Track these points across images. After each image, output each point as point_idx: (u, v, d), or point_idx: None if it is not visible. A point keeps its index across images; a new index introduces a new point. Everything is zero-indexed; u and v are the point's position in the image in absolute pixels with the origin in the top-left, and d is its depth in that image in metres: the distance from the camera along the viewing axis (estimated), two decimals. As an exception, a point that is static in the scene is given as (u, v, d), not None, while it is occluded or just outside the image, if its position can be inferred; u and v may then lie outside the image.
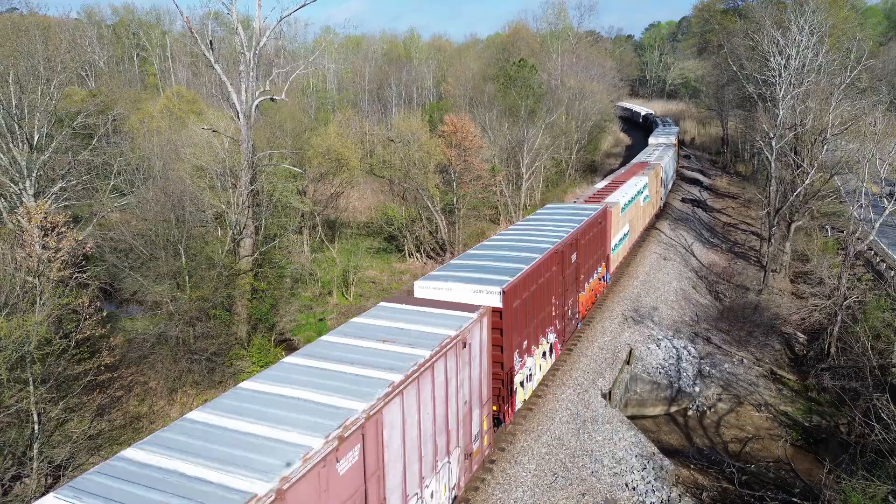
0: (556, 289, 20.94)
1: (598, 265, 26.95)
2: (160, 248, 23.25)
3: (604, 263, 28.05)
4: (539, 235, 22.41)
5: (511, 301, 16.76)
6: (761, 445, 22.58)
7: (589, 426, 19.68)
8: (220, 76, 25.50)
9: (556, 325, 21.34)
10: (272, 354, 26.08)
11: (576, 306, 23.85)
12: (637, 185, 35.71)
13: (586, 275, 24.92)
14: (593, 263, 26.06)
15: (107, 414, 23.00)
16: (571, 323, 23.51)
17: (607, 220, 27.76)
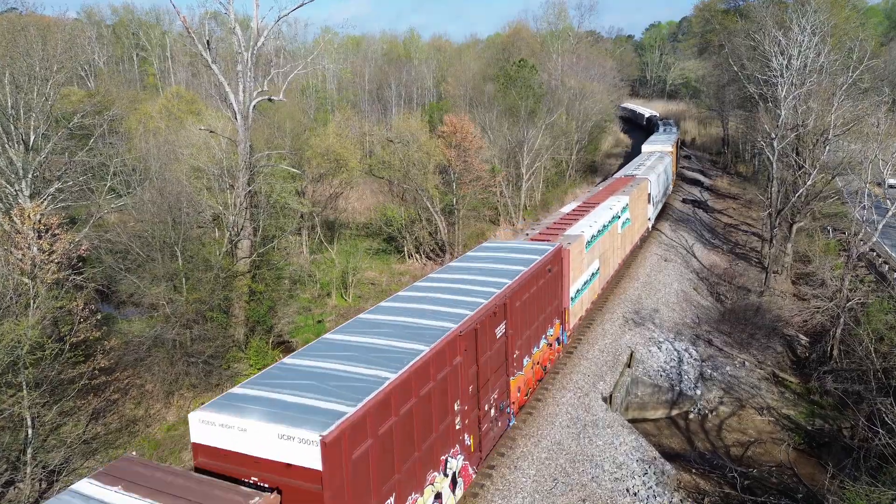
0: (464, 387, 14.42)
1: (547, 326, 20.59)
2: (156, 250, 23.03)
3: (558, 321, 21.80)
4: (447, 302, 15.73)
5: (349, 451, 10.29)
6: (763, 449, 22.37)
7: (589, 430, 19.46)
8: (218, 76, 25.29)
9: (465, 442, 14.69)
10: (270, 357, 25.89)
11: (506, 397, 17.27)
12: (613, 209, 29.47)
13: (525, 347, 18.57)
14: (539, 327, 19.75)
15: (102, 417, 22.79)
16: (498, 424, 16.82)
17: (564, 262, 21.78)
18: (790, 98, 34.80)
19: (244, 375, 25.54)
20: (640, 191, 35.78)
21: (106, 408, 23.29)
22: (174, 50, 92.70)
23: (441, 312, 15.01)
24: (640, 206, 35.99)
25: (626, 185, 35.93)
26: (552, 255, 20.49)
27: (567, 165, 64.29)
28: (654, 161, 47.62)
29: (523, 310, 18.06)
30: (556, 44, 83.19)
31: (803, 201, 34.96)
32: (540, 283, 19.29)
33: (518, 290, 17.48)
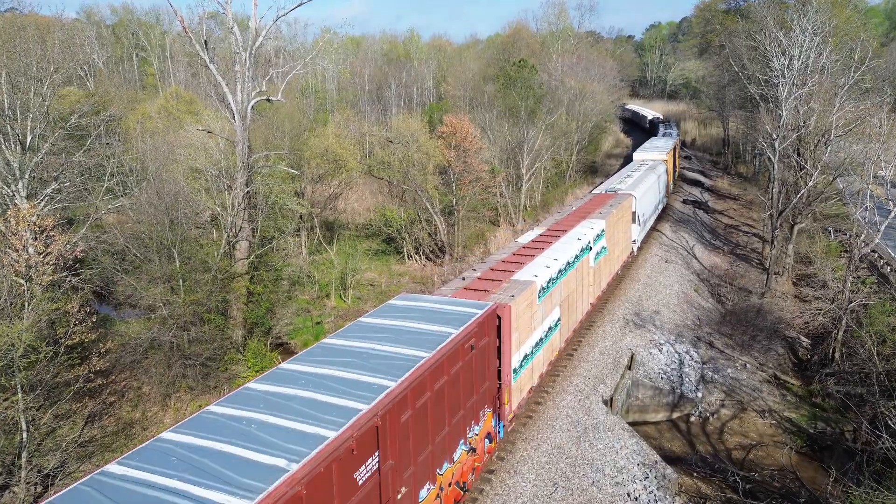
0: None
1: (466, 426, 14.61)
2: (154, 252, 22.84)
3: (489, 410, 16.01)
4: (304, 412, 10.57)
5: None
6: (765, 453, 22.19)
7: (590, 434, 19.28)
8: (216, 76, 25.11)
9: None
10: (268, 359, 25.73)
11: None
12: (584, 238, 24.02)
13: (423, 474, 12.71)
14: (451, 434, 13.80)
15: (99, 420, 22.61)
16: None
17: (503, 326, 16.10)
18: (791, 98, 34.62)
19: (242, 377, 25.39)
20: (621, 211, 30.48)
21: (102, 410, 23.11)
22: (174, 50, 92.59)
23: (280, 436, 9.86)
24: (621, 229, 30.77)
25: (603, 205, 30.36)
26: (478, 324, 14.43)
27: (567, 166, 64.14)
28: (645, 172, 42.15)
29: (419, 423, 12.31)
30: (557, 44, 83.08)
31: (805, 202, 34.78)
32: (455, 370, 13.56)
33: (408, 395, 11.66)
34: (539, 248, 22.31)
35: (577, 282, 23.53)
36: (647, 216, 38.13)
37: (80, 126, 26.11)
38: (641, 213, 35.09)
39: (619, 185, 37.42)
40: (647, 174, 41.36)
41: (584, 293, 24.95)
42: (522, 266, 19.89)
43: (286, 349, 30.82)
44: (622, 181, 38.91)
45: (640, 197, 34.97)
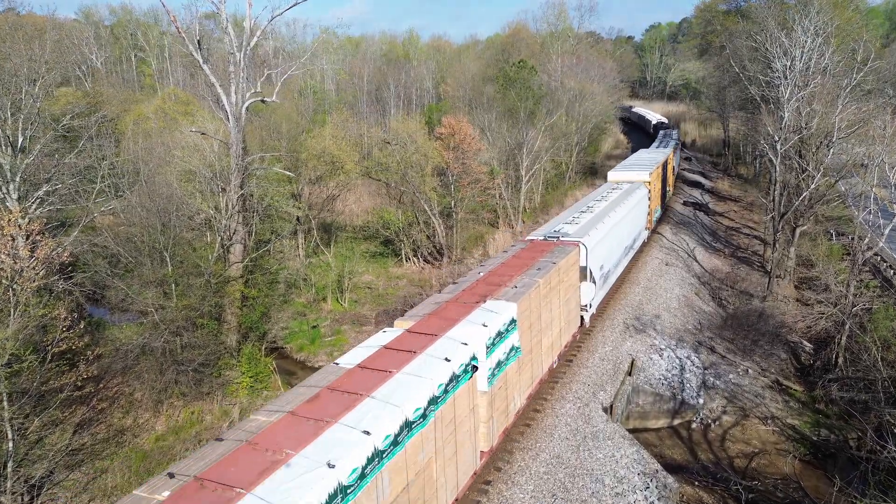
0: None
1: None
2: (145, 255, 22.43)
3: None
4: None
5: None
6: (768, 461, 21.78)
7: (589, 443, 18.88)
8: (209, 77, 24.72)
9: None
10: (262, 364, 25.33)
11: None
12: (472, 344, 14.74)
13: None
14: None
15: (90, 427, 22.21)
16: None
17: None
18: (793, 100, 34.24)
19: (236, 383, 24.99)
20: (560, 273, 21.06)
21: (93, 417, 22.72)
22: (172, 50, 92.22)
23: None
24: (558, 302, 20.98)
25: (528, 268, 20.35)
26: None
27: (567, 167, 63.77)
28: (614, 201, 32.21)
29: None
30: (556, 45, 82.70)
31: (807, 205, 34.40)
32: None
33: None
34: (356, 394, 11.95)
35: (443, 437, 13.46)
36: (611, 266, 28.47)
37: (72, 127, 25.69)
38: (598, 265, 25.51)
39: (567, 225, 26.82)
40: (617, 204, 31.68)
41: (461, 452, 14.35)
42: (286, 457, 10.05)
43: (282, 353, 30.47)
44: (575, 219, 28.00)
45: (596, 245, 25.09)
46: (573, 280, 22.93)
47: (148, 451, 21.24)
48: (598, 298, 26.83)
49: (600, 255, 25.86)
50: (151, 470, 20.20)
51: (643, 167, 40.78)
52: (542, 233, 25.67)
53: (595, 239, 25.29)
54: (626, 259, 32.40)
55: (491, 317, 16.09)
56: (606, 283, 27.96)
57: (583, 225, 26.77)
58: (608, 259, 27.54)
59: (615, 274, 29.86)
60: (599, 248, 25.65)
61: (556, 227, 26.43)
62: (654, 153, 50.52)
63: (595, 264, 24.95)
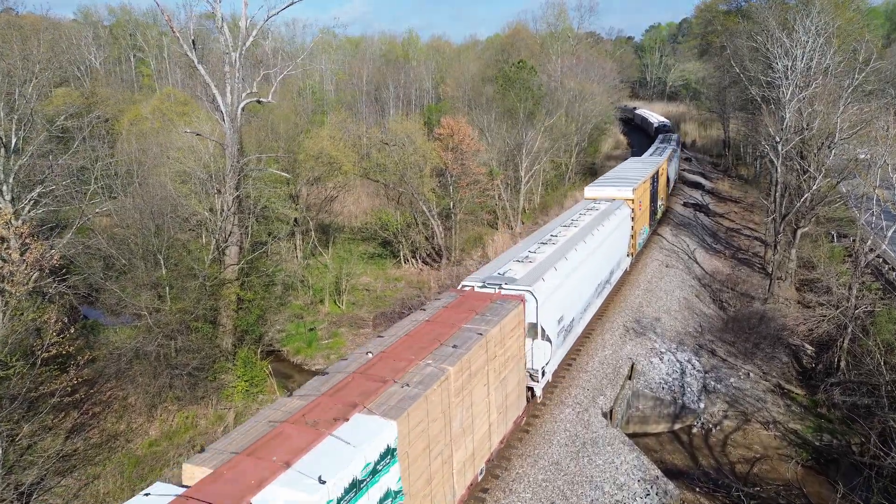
0: None
1: None
2: (139, 258, 22.13)
3: None
4: None
5: None
6: (770, 466, 21.49)
7: (589, 449, 18.59)
8: (204, 77, 24.43)
9: None
10: (258, 368, 25.04)
11: None
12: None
13: None
14: None
15: (83, 432, 21.92)
16: None
17: None
18: (795, 101, 33.95)
19: (232, 387, 24.70)
20: (491, 345, 15.38)
21: (86, 422, 22.43)
22: (171, 51, 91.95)
23: None
24: (483, 389, 15.17)
25: (444, 342, 14.57)
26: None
27: (567, 168, 63.50)
28: (586, 227, 26.47)
29: None
30: (556, 45, 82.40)
31: (808, 206, 34.11)
32: None
33: None
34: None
35: None
36: (578, 313, 22.74)
37: (66, 128, 25.39)
38: (556, 317, 19.75)
39: (519, 264, 20.86)
40: (589, 231, 25.96)
41: None
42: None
43: (278, 356, 30.17)
44: (531, 254, 22.17)
45: (553, 292, 19.53)
46: (514, 347, 16.84)
47: (141, 457, 20.94)
48: (558, 359, 20.87)
49: (560, 304, 20.12)
50: (144, 476, 19.92)
51: (627, 182, 34.64)
52: (483, 277, 19.48)
53: (552, 284, 19.67)
54: (599, 298, 26.55)
55: (345, 455, 10.05)
56: (571, 335, 22.18)
57: (538, 264, 20.80)
58: (572, 306, 21.83)
59: (583, 321, 24.04)
60: (559, 296, 19.99)
61: (502, 269, 20.35)
62: (643, 163, 44.74)
63: (550, 318, 19.17)
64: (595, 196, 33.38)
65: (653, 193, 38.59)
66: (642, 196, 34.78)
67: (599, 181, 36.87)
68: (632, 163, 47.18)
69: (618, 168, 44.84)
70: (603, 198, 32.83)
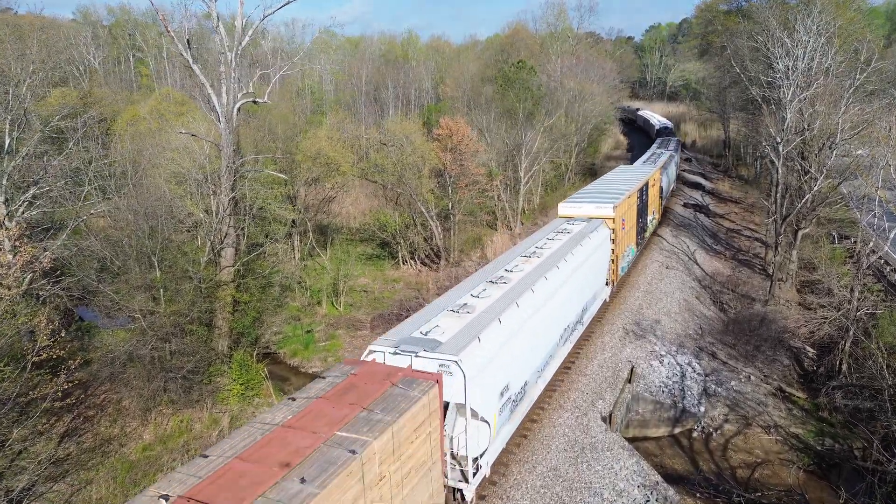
0: None
1: None
2: (133, 260, 21.87)
3: None
4: None
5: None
6: (771, 471, 21.23)
7: (588, 454, 18.34)
8: (200, 77, 24.18)
9: None
10: (254, 371, 24.79)
11: None
12: None
13: None
14: None
15: (76, 436, 21.68)
16: None
17: None
18: (796, 101, 33.69)
19: (227, 390, 24.45)
20: (372, 463, 10.62)
21: (79, 426, 22.19)
22: (170, 51, 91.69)
23: None
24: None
25: (301, 461, 9.90)
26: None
27: (566, 168, 63.25)
28: (551, 258, 21.68)
29: None
30: (556, 45, 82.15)
31: (809, 207, 33.86)
32: None
33: None
34: None
35: None
36: (533, 375, 18.15)
37: (59, 129, 25.13)
38: (497, 390, 15.39)
39: (451, 318, 16.09)
40: (556, 262, 21.03)
41: None
42: None
43: (275, 359, 29.92)
44: (472, 300, 17.26)
45: (488, 362, 14.83)
46: (423, 451, 12.41)
47: (134, 462, 20.69)
48: (503, 440, 16.35)
49: (505, 369, 15.60)
50: (137, 481, 19.67)
51: (607, 197, 29.99)
52: (398, 339, 14.66)
53: (492, 345, 15.02)
54: (567, 344, 21.85)
55: None
56: (524, 401, 17.50)
57: (477, 317, 15.96)
58: (525, 368, 17.18)
59: (544, 377, 19.46)
60: (503, 360, 15.46)
61: (429, 324, 15.45)
62: (632, 173, 39.95)
63: (488, 393, 14.69)
64: (570, 214, 28.94)
65: (640, 208, 34.43)
66: (626, 212, 30.41)
67: (577, 196, 31.94)
68: (618, 173, 41.70)
69: (601, 179, 39.42)
70: (579, 216, 28.54)
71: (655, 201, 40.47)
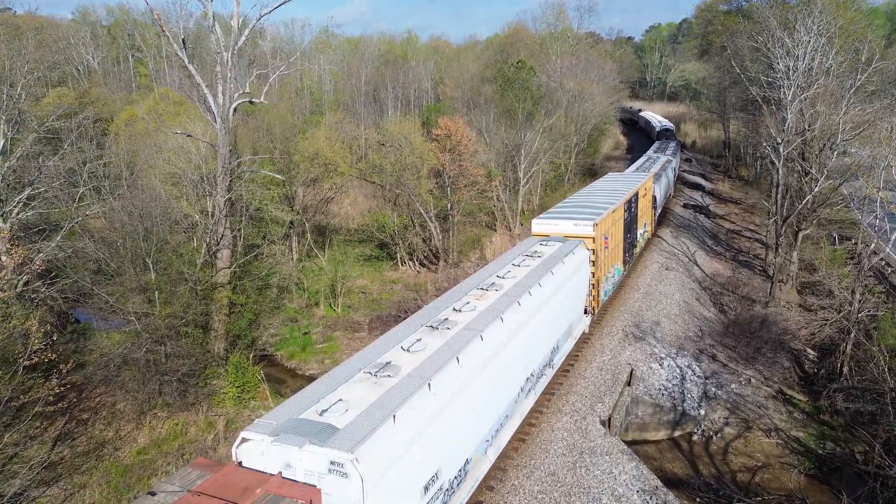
0: None
1: None
2: (128, 262, 21.66)
3: None
4: None
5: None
6: (772, 475, 21.03)
7: (586, 458, 18.13)
8: (195, 77, 23.97)
9: None
10: (250, 373, 24.59)
11: None
12: None
13: None
14: None
15: (70, 440, 21.47)
16: None
17: None
18: (796, 101, 33.49)
19: (223, 393, 24.25)
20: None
21: (73, 429, 21.98)
22: (169, 51, 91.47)
23: None
24: None
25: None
26: None
27: (566, 169, 63.04)
28: (512, 290, 17.81)
29: None
30: (556, 45, 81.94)
31: (809, 208, 33.65)
32: None
33: None
34: None
35: None
36: (471, 458, 14.04)
37: (54, 129, 24.93)
38: (420, 484, 11.73)
39: (351, 393, 11.85)
40: (516, 296, 17.29)
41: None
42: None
43: (272, 361, 29.72)
44: (392, 363, 13.02)
45: (401, 455, 10.97)
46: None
47: (129, 466, 20.48)
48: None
49: (432, 454, 12.07)
50: (131, 485, 19.47)
51: (588, 213, 25.86)
52: (283, 422, 10.98)
53: (412, 429, 11.44)
54: (531, 396, 18.32)
55: None
56: (460, 491, 13.56)
57: (399, 384, 12.22)
58: (464, 444, 13.65)
59: (496, 445, 15.71)
60: (430, 441, 11.89)
61: (325, 401, 11.51)
62: (622, 182, 35.62)
63: (403, 494, 11.24)
64: (545, 232, 24.95)
65: (628, 222, 30.68)
66: (610, 229, 26.78)
67: (553, 211, 27.56)
68: (606, 182, 37.37)
69: (585, 190, 34.50)
70: (555, 234, 24.53)
71: (647, 213, 36.98)
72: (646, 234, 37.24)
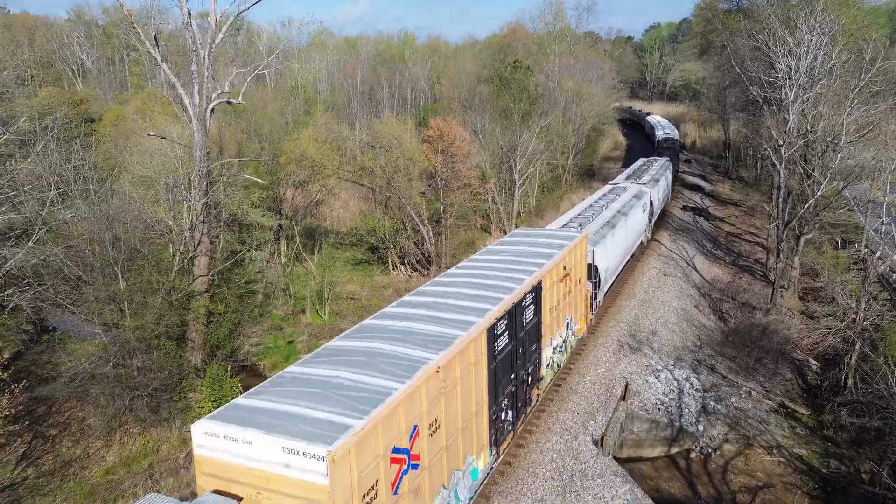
0: None
1: None
2: (96, 271, 20.58)
3: None
4: None
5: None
6: (774, 496, 19.96)
7: (577, 482, 17.05)
8: (169, 76, 22.91)
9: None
10: (228, 386, 23.49)
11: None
12: None
13: None
14: None
15: (35, 458, 20.39)
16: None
17: None
18: (798, 102, 32.41)
19: (199, 408, 23.16)
20: None
21: (40, 446, 20.91)
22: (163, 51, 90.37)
23: None
24: None
25: None
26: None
27: (563, 170, 62.00)
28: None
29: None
30: (554, 45, 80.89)
31: (812, 212, 32.58)
32: None
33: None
34: None
35: None
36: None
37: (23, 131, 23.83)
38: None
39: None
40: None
41: None
42: None
43: (254, 371, 28.61)
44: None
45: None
46: None
47: (94, 486, 19.41)
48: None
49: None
50: (95, 509, 18.40)
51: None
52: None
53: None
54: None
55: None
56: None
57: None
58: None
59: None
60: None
61: None
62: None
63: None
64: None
65: (510, 355, 16.25)
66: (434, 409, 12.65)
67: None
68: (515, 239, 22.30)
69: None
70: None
71: (576, 301, 22.20)
72: (564, 353, 21.79)
